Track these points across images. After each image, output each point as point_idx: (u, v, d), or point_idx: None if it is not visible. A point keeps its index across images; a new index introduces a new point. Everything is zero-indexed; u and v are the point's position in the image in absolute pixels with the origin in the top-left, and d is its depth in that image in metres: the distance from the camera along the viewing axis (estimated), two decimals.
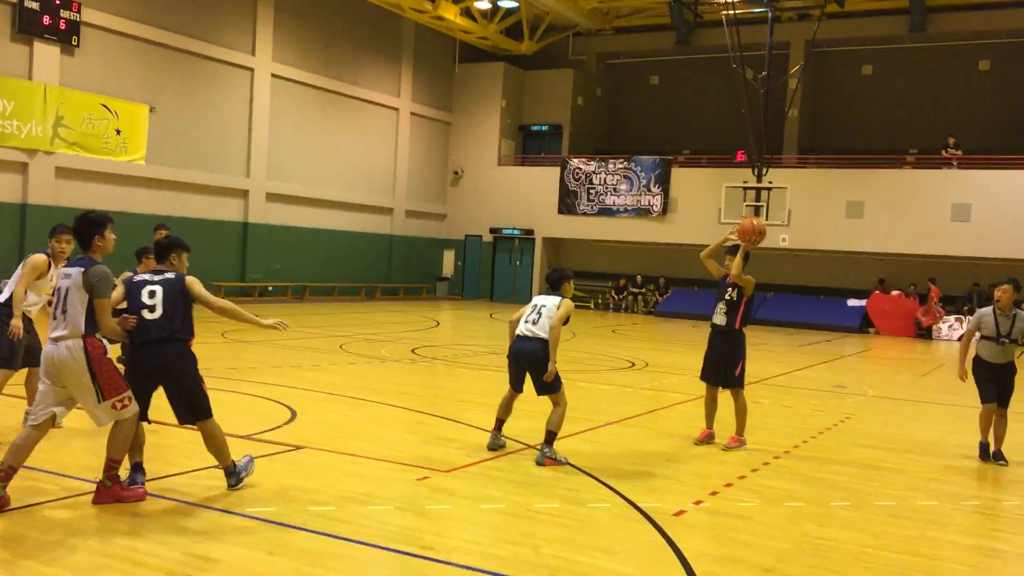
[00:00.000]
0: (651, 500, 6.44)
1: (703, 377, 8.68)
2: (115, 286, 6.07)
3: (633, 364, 15.47)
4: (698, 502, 6.50)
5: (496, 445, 7.74)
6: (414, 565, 4.90)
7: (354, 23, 29.09)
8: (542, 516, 5.95)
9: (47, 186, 20.64)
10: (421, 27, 31.23)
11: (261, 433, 8.05)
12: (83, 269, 5.61)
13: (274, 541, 5.19)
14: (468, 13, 30.08)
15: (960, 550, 5.70)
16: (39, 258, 7.35)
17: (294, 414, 9.00)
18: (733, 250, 8.52)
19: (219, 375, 11.08)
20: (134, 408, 5.72)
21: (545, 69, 34.02)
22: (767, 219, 26.75)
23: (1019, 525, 6.48)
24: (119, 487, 5.70)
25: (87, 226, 5.75)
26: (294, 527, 5.42)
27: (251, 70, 25.72)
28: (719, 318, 8.50)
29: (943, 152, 27.31)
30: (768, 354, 18.89)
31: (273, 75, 26.37)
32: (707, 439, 8.59)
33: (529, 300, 8.12)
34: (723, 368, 8.45)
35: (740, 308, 8.42)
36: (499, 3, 28.14)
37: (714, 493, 6.78)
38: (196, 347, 6.54)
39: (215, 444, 6.06)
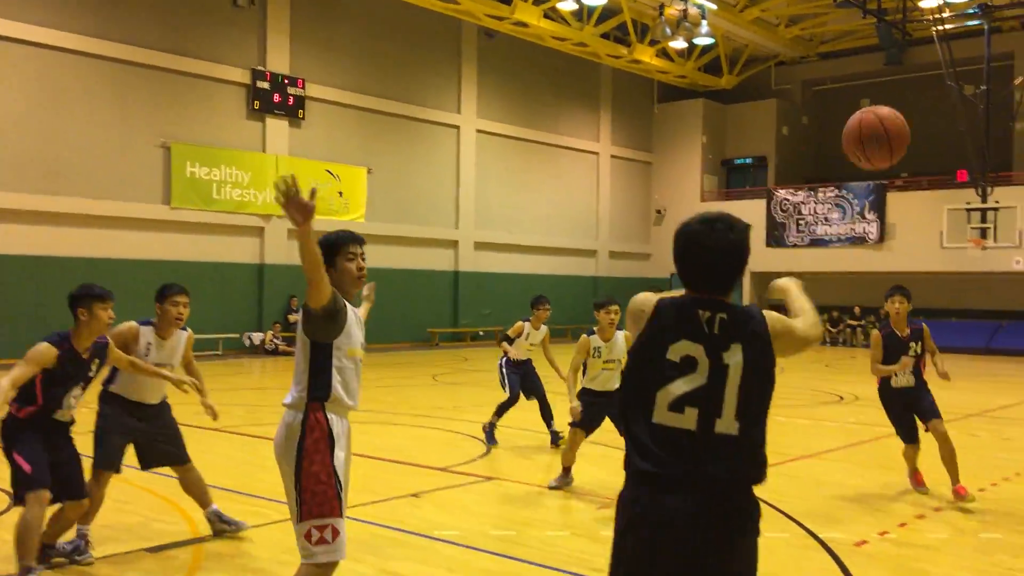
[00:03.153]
0: (832, 531, 6.33)
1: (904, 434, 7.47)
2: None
3: (841, 398, 14.92)
4: (883, 533, 6.31)
5: None
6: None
7: (552, 74, 30.10)
8: None
9: (280, 247, 22.75)
10: (618, 71, 31.80)
11: (456, 465, 8.58)
12: None
13: (455, 560, 5.62)
14: (664, 54, 30.34)
15: None
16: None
17: (490, 448, 9.49)
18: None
19: (425, 414, 11.87)
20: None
21: (747, 101, 33.57)
22: (995, 241, 24.93)
23: None
24: None
25: None
26: (475, 548, 5.83)
27: (457, 128, 27.22)
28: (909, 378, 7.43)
29: None
30: (996, 384, 17.57)
31: (478, 131, 27.76)
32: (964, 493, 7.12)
33: None
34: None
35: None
36: (695, 41, 28.22)
37: (903, 525, 6.56)
38: (405, 389, 7.11)
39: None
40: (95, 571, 5.29)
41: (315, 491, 3.51)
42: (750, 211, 31.66)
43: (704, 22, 26.49)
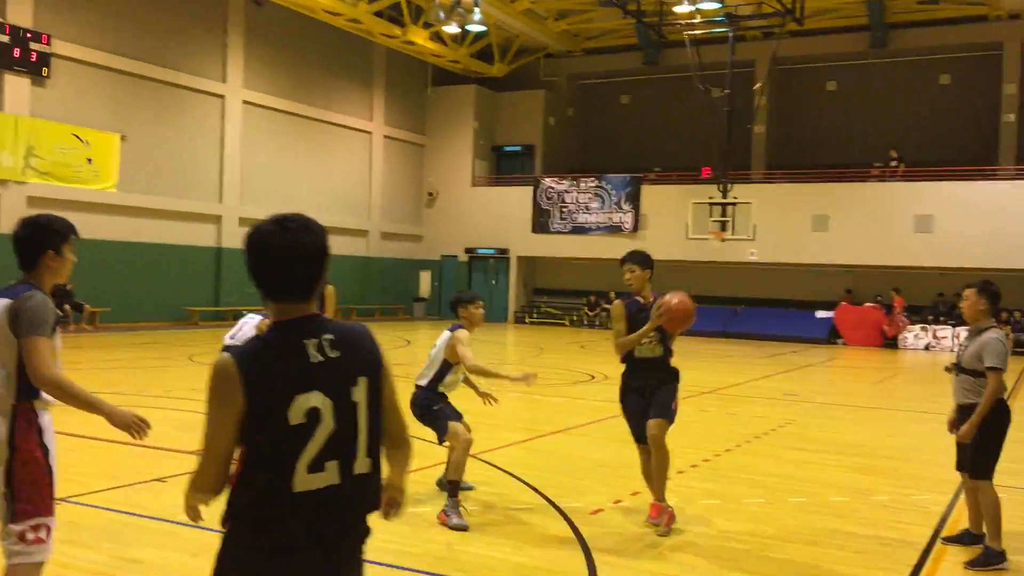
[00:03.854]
0: (572, 501, 6.75)
1: (638, 432, 6.30)
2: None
3: (593, 377, 15.82)
4: (617, 501, 6.82)
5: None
6: None
7: (325, 49, 29.52)
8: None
9: (18, 215, 20.82)
10: (392, 52, 31.70)
11: None
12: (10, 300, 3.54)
13: (200, 544, 5.48)
14: (438, 37, 30.56)
15: (856, 540, 6.02)
16: None
17: None
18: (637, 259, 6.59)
19: (181, 396, 11.40)
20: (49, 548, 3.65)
21: (517, 90, 34.52)
22: (732, 233, 27.23)
23: (921, 516, 6.79)
24: None
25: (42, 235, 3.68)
26: (220, 531, 5.70)
27: (222, 97, 26.09)
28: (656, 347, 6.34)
29: (890, 164, 28.17)
30: (729, 365, 19.26)
31: (244, 101, 26.74)
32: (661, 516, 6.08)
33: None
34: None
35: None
36: (468, 27, 28.64)
37: (635, 493, 7.09)
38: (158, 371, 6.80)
39: None
40: None
41: (31, 493, 3.43)
42: (518, 197, 32.69)
43: (477, 10, 26.94)
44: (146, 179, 23.91)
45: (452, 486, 6.17)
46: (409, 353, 20.74)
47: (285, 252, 2.39)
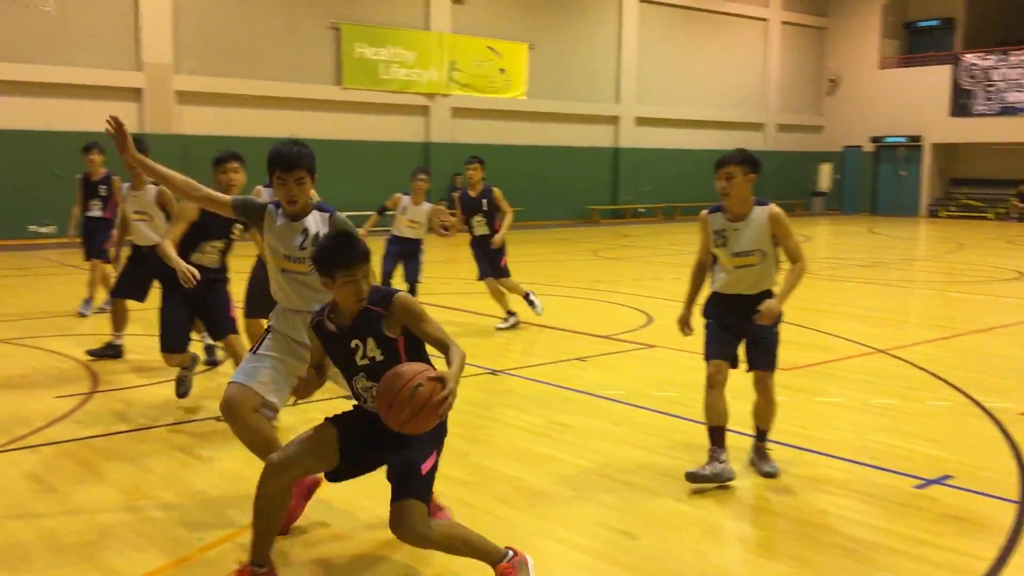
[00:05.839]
0: (998, 400, 6.30)
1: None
2: None
3: (1022, 274, 14.24)
4: None
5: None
6: (736, 439, 5.37)
7: None
8: (875, 409, 6.14)
9: (445, 125, 23.27)
10: None
11: (619, 334, 8.93)
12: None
13: (618, 415, 6.01)
14: None
15: None
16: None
17: (650, 319, 9.78)
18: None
19: (586, 287, 12.26)
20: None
21: None
22: None
23: None
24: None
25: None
26: (636, 406, 6.20)
27: None
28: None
29: None
30: None
31: (640, 0, 26.98)
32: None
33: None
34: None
35: None
36: None
37: None
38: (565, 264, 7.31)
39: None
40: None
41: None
42: (933, 78, 29.66)
43: None
44: (550, 84, 25.28)
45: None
46: (808, 250, 20.14)
47: None
